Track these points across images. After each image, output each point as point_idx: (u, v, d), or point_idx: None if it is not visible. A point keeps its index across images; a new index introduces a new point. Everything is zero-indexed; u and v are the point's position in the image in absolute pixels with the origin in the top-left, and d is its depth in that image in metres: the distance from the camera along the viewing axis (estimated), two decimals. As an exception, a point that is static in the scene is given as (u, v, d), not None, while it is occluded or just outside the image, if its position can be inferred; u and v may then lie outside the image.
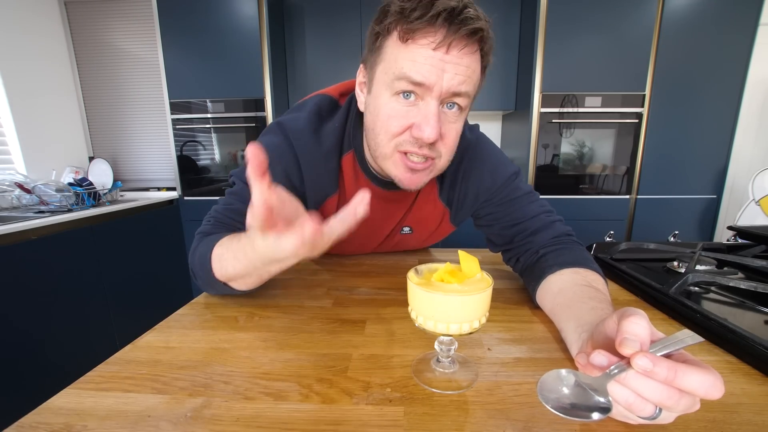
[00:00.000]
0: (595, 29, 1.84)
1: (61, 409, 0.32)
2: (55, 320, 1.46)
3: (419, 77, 0.41)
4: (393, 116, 0.45)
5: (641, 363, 0.24)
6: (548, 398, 0.27)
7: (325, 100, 0.58)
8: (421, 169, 0.48)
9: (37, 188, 1.74)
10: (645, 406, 0.26)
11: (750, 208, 1.79)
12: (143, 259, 1.96)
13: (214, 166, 2.12)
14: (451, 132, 0.46)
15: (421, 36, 0.40)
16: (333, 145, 0.56)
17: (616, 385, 0.27)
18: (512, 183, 0.60)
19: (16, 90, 1.91)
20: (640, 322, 0.27)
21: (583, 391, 0.27)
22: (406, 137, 0.46)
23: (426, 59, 0.41)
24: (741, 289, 0.54)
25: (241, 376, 0.37)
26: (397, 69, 0.42)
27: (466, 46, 0.41)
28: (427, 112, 0.43)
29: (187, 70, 2.00)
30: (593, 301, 0.41)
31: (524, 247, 0.58)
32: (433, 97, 0.43)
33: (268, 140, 0.56)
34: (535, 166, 1.99)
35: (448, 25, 0.39)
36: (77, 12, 2.22)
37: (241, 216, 0.53)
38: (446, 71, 0.41)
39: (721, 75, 1.84)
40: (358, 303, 0.55)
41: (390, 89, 0.44)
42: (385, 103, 0.46)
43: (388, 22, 0.42)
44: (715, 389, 0.24)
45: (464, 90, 0.43)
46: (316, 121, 0.56)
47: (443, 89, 0.42)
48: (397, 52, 0.42)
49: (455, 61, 0.41)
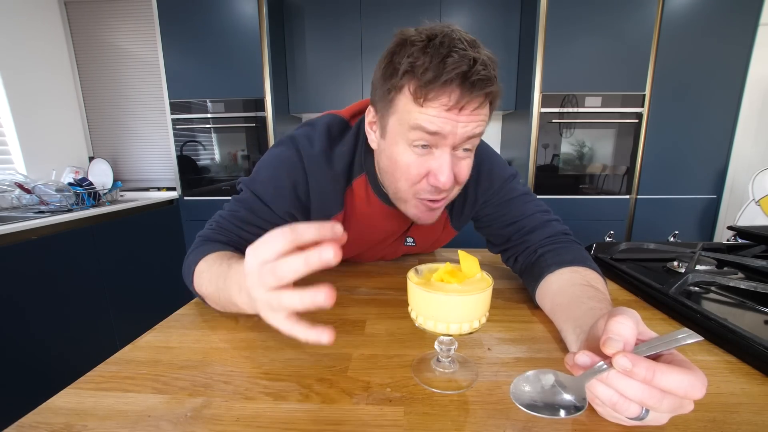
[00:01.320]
0: (595, 29, 1.84)
1: (61, 409, 0.32)
2: (55, 320, 1.46)
3: (434, 128, 0.42)
4: (411, 165, 0.47)
5: (621, 362, 0.25)
6: (520, 397, 0.27)
7: (336, 121, 0.59)
8: (437, 207, 0.51)
9: (37, 188, 1.74)
10: (629, 406, 0.26)
11: (750, 208, 1.79)
12: (143, 259, 1.96)
13: (214, 166, 2.12)
14: (463, 169, 0.48)
15: (434, 98, 0.41)
16: (344, 168, 0.57)
17: (600, 385, 0.27)
18: (509, 184, 0.61)
19: (17, 90, 1.91)
20: (625, 322, 0.27)
21: (558, 391, 0.27)
22: (423, 185, 0.48)
23: (440, 116, 0.42)
24: (741, 289, 0.54)
25: (241, 376, 0.37)
26: (412, 121, 0.44)
27: (480, 105, 0.42)
28: (442, 162, 0.45)
29: (187, 70, 2.00)
30: (592, 301, 0.41)
31: (521, 245, 0.59)
32: (446, 145, 0.44)
33: (280, 151, 0.57)
34: (535, 166, 1.99)
35: (461, 90, 0.40)
36: (77, 12, 2.22)
37: (245, 224, 0.54)
38: (459, 124, 0.43)
39: (721, 75, 1.84)
40: (358, 303, 0.55)
41: (405, 140, 0.46)
42: (401, 152, 0.47)
43: (400, 82, 0.43)
44: (694, 389, 0.24)
45: (478, 132, 0.44)
46: (327, 141, 0.57)
47: (457, 139, 0.44)
48: (411, 107, 0.43)
49: (468, 119, 0.43)
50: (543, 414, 0.26)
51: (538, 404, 0.27)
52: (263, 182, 0.55)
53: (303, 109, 2.25)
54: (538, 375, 0.29)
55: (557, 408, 0.26)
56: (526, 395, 0.27)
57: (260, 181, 0.56)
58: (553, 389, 0.28)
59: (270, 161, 0.57)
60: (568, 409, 0.26)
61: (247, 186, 0.56)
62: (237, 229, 0.54)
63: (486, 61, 0.41)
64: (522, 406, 0.27)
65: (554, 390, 0.27)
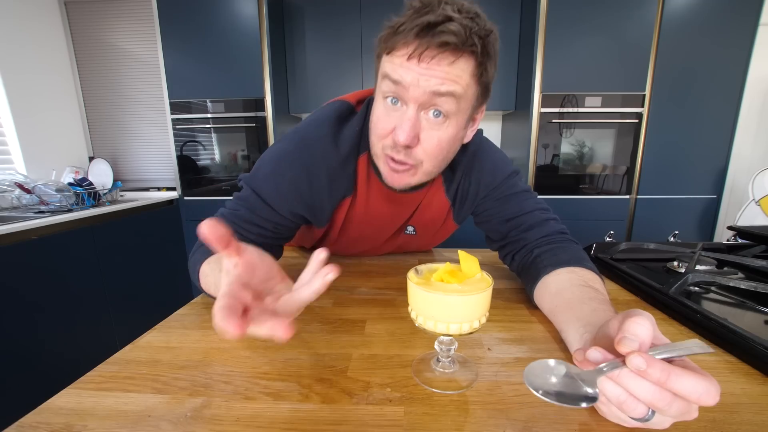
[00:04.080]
0: (595, 29, 1.84)
1: (61, 409, 0.32)
2: (55, 320, 1.46)
3: (396, 76, 0.44)
4: (381, 118, 0.48)
5: (635, 362, 0.25)
6: (535, 384, 0.27)
7: (344, 106, 0.60)
8: (402, 170, 0.50)
9: (37, 188, 1.74)
10: (636, 406, 0.26)
11: (750, 208, 1.79)
12: (143, 259, 1.96)
13: (214, 166, 2.12)
14: (431, 139, 0.47)
15: (397, 48, 0.44)
16: (350, 149, 0.57)
17: (609, 382, 0.27)
18: (511, 180, 0.61)
19: (17, 90, 1.91)
20: (643, 323, 0.27)
21: (571, 381, 0.27)
22: (389, 141, 0.48)
23: (402, 65, 0.43)
24: (741, 289, 0.54)
25: (241, 376, 0.37)
26: (382, 70, 0.47)
27: (437, 56, 0.42)
28: (404, 118, 0.45)
29: (187, 70, 1.99)
30: (594, 302, 0.41)
31: (518, 243, 0.59)
32: (412, 101, 0.44)
33: (281, 147, 0.57)
34: (535, 166, 1.99)
35: (419, 40, 0.41)
36: (77, 12, 2.22)
37: (245, 223, 0.54)
38: (422, 77, 0.43)
39: (721, 75, 1.84)
40: (358, 303, 0.55)
41: (380, 93, 0.48)
42: (377, 106, 0.49)
43: (382, 37, 0.46)
44: (708, 396, 0.23)
45: (444, 90, 0.43)
46: (336, 125, 0.57)
47: (420, 92, 0.43)
48: (384, 58, 0.46)
49: (431, 72, 0.42)
50: (556, 401, 0.26)
51: (550, 391, 0.26)
52: (264, 179, 0.55)
53: (303, 109, 2.25)
54: (552, 364, 0.29)
55: (570, 397, 0.26)
56: (539, 381, 0.27)
57: (261, 178, 0.55)
58: (566, 379, 0.28)
59: (271, 157, 0.57)
60: (581, 400, 0.26)
61: (248, 183, 0.56)
62: (238, 228, 0.54)
63: (465, 22, 0.41)
64: (536, 391, 0.26)
65: (567, 380, 0.27)
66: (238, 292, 0.28)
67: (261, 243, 0.56)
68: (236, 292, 0.28)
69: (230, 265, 0.30)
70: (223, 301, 0.26)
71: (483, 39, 0.43)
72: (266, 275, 0.32)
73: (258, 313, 0.28)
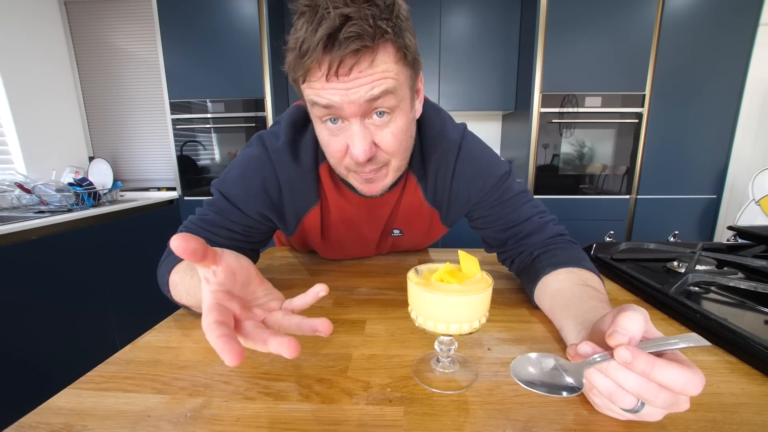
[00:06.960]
0: (595, 29, 1.84)
1: (61, 409, 0.32)
2: (55, 320, 1.46)
3: (324, 101, 0.41)
4: (329, 142, 0.46)
5: (622, 354, 0.26)
6: (520, 374, 0.28)
7: (300, 112, 0.58)
8: (376, 178, 0.49)
9: (37, 188, 1.74)
10: (625, 397, 0.27)
11: (750, 208, 1.79)
12: (143, 259, 1.96)
13: (214, 166, 2.12)
14: (386, 137, 0.45)
15: (311, 73, 0.40)
16: (310, 158, 0.56)
17: (598, 374, 0.28)
18: (504, 183, 0.58)
19: (16, 90, 1.91)
20: (635, 318, 0.28)
21: (557, 373, 0.28)
22: (348, 161, 0.47)
23: (324, 87, 0.40)
24: (741, 289, 0.54)
25: (241, 376, 0.37)
26: (308, 99, 0.43)
27: (354, 65, 0.38)
28: (353, 135, 0.43)
29: (187, 70, 2.00)
30: (593, 300, 0.41)
31: (518, 249, 0.58)
32: (351, 116, 0.42)
33: (249, 151, 0.56)
34: (535, 166, 1.99)
35: (330, 56, 0.37)
36: (77, 12, 2.22)
37: (213, 226, 0.54)
38: (349, 91, 0.39)
39: (721, 75, 1.84)
40: (358, 303, 0.55)
41: (317, 118, 0.45)
42: (320, 131, 0.47)
43: (290, 64, 0.42)
44: (691, 385, 0.24)
45: (378, 92, 0.40)
46: (292, 134, 0.56)
47: (354, 106, 0.41)
48: (303, 87, 0.43)
49: (356, 82, 0.39)
50: (539, 391, 0.27)
51: (536, 382, 0.27)
52: (232, 183, 0.55)
53: (303, 109, 2.24)
54: (540, 357, 0.30)
55: (555, 387, 0.27)
56: (525, 373, 0.28)
57: (229, 181, 0.55)
58: (552, 371, 0.29)
59: (239, 162, 0.56)
60: (565, 390, 0.27)
61: (217, 188, 0.56)
62: (205, 233, 0.54)
63: (364, 13, 0.36)
64: (520, 381, 0.27)
65: (554, 372, 0.28)
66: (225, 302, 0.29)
67: (233, 246, 0.55)
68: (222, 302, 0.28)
69: (209, 273, 0.29)
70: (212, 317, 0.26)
71: (389, 18, 0.38)
72: (246, 279, 0.32)
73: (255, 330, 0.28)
